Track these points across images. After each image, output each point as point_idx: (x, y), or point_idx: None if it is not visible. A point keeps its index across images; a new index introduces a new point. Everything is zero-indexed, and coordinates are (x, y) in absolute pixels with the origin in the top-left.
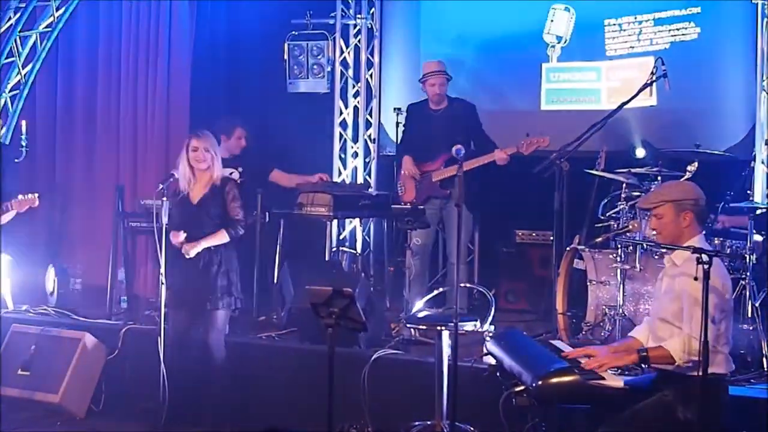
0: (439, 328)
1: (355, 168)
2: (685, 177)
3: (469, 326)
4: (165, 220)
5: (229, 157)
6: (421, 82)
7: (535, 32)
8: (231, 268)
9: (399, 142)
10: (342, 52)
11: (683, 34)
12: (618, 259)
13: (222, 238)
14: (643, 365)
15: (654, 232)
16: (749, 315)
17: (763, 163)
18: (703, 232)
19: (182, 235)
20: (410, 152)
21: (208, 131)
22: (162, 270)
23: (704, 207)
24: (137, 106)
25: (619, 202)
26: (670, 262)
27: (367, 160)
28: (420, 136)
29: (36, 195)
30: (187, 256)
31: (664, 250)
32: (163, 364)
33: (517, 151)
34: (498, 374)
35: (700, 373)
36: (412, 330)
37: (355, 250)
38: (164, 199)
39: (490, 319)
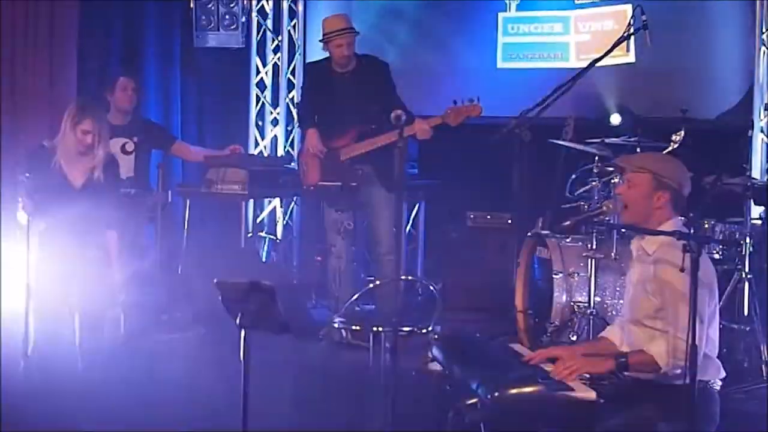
0: (375, 329)
1: (275, 138)
2: (669, 149)
3: (410, 327)
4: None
5: (123, 124)
6: (324, 43)
7: None
8: None
9: (297, 111)
10: None
11: None
12: (589, 246)
13: None
14: (621, 374)
15: (620, 198)
16: (746, 313)
17: (762, 131)
18: (681, 217)
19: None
20: (313, 124)
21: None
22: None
23: (684, 196)
24: (14, 64)
25: (591, 179)
26: (639, 249)
27: (289, 128)
28: (323, 104)
29: None
30: None
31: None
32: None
33: (443, 122)
34: (446, 384)
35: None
36: (342, 331)
37: (276, 235)
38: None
39: (435, 318)
